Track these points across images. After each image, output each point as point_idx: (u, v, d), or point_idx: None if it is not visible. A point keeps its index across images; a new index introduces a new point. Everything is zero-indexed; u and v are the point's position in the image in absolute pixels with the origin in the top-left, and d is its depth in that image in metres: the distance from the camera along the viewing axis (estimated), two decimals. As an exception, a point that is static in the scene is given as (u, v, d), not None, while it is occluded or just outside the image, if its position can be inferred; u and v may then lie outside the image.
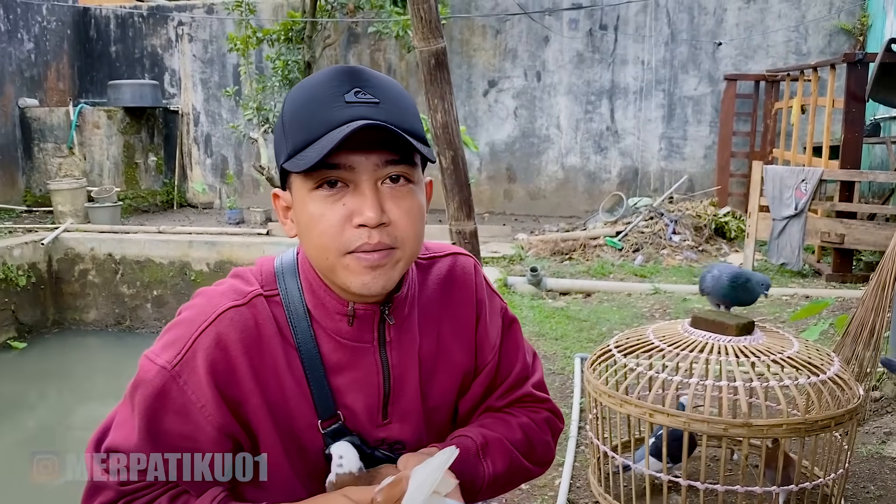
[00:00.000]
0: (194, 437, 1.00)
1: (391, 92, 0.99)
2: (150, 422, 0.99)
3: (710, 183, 8.60)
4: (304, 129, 0.95)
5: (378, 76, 0.99)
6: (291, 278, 1.06)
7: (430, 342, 1.13)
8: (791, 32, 8.46)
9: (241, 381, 1.00)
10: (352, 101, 0.94)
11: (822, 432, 2.22)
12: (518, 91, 9.24)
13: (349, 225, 0.96)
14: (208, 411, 0.99)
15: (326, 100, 0.95)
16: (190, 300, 1.07)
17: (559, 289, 5.92)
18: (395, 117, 0.95)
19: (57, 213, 8.45)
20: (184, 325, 1.02)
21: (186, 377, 0.99)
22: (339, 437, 1.06)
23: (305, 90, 0.98)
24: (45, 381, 6.72)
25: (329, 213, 0.96)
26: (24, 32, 9.44)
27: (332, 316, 1.04)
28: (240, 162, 10.11)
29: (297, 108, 0.97)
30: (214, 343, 0.99)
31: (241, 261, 7.29)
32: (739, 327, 2.41)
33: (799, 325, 4.55)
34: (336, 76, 0.97)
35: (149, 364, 1.01)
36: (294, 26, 8.62)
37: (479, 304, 1.19)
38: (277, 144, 1.01)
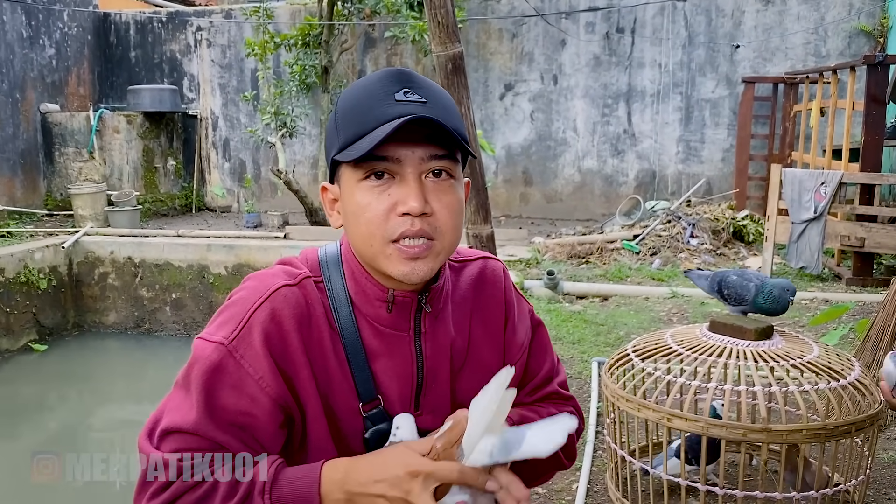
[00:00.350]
0: (251, 412, 1.02)
1: (437, 93, 1.05)
2: (208, 397, 1.01)
3: (728, 186, 8.55)
4: (356, 124, 1.01)
5: (426, 79, 1.06)
6: (335, 267, 1.11)
7: (462, 339, 1.17)
8: (810, 34, 8.39)
9: (293, 354, 1.04)
10: (401, 100, 1.00)
11: (843, 438, 2.20)
12: (534, 94, 9.24)
13: (393, 214, 1.01)
14: (266, 382, 1.01)
15: (378, 97, 1.01)
16: (240, 285, 1.11)
17: (576, 292, 5.90)
18: (440, 115, 1.01)
19: (77, 217, 8.54)
20: (238, 305, 1.05)
21: (243, 351, 1.01)
22: (378, 421, 1.08)
23: (358, 89, 1.04)
24: (66, 383, 6.79)
25: (375, 202, 1.01)
26: (45, 38, 9.56)
27: (372, 302, 1.09)
28: (258, 166, 10.17)
29: (349, 104, 1.03)
30: (269, 317, 1.03)
31: (259, 264, 7.33)
32: (758, 332, 2.40)
33: (819, 330, 4.51)
34: (387, 77, 1.03)
35: (204, 343, 1.04)
36: (311, 31, 8.67)
37: (508, 306, 1.23)
38: (329, 139, 1.07)
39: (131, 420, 6.24)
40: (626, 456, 2.50)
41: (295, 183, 8.31)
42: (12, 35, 9.08)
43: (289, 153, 9.34)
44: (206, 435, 1.00)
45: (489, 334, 1.20)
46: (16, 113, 9.15)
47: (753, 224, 7.33)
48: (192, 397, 1.01)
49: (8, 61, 9.02)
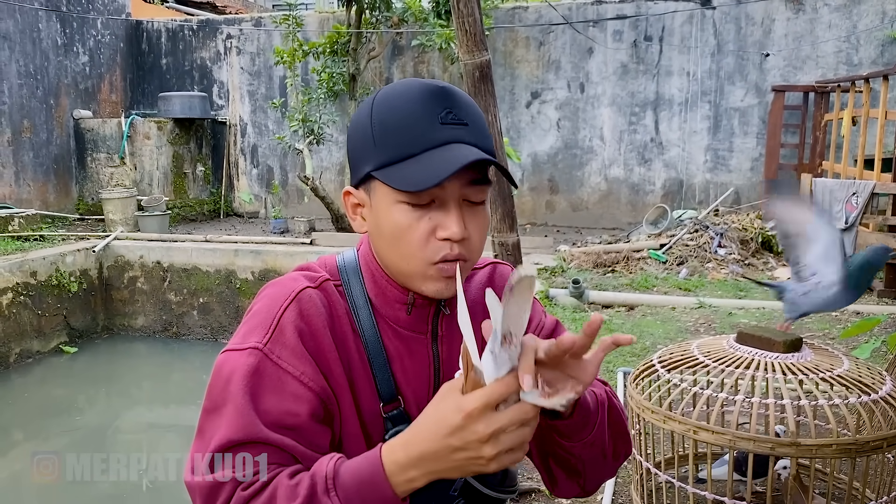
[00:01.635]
0: (296, 412, 1.00)
1: (474, 112, 1.06)
2: (253, 402, 0.99)
3: (756, 195, 8.46)
4: (399, 144, 1.01)
5: (464, 96, 1.06)
6: (353, 273, 1.12)
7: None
8: (842, 43, 8.28)
9: (326, 352, 1.04)
10: (445, 123, 1.01)
11: (874, 453, 2.16)
12: (561, 102, 9.22)
13: (433, 237, 1.03)
14: (307, 377, 1.01)
15: (421, 118, 1.01)
16: (259, 294, 1.11)
17: (602, 301, 5.87)
18: (480, 139, 1.03)
19: (108, 222, 8.67)
20: (263, 311, 1.05)
21: (279, 352, 1.01)
22: (398, 422, 1.09)
23: (398, 103, 1.02)
24: (95, 386, 6.89)
25: (416, 225, 1.02)
26: (79, 46, 9.74)
27: (392, 305, 1.10)
28: (285, 172, 10.26)
29: (389, 120, 1.02)
30: (299, 316, 1.04)
31: (285, 269, 7.34)
32: (787, 344, 2.36)
33: (849, 343, 4.44)
34: (429, 95, 1.02)
35: (231, 355, 1.02)
36: (339, 39, 8.74)
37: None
38: (361, 149, 1.05)
39: (158, 423, 6.31)
40: (651, 468, 2.47)
41: (322, 189, 8.36)
42: (47, 42, 9.26)
43: (316, 160, 9.42)
44: (258, 438, 0.97)
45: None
46: (50, 119, 9.32)
47: (783, 234, 7.24)
48: (232, 409, 0.98)
49: (43, 68, 9.20)
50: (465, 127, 1.02)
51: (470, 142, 1.01)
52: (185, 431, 5.99)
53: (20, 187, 8.93)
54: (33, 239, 7.93)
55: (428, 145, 1.00)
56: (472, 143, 1.01)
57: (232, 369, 1.01)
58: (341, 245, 7.54)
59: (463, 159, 0.98)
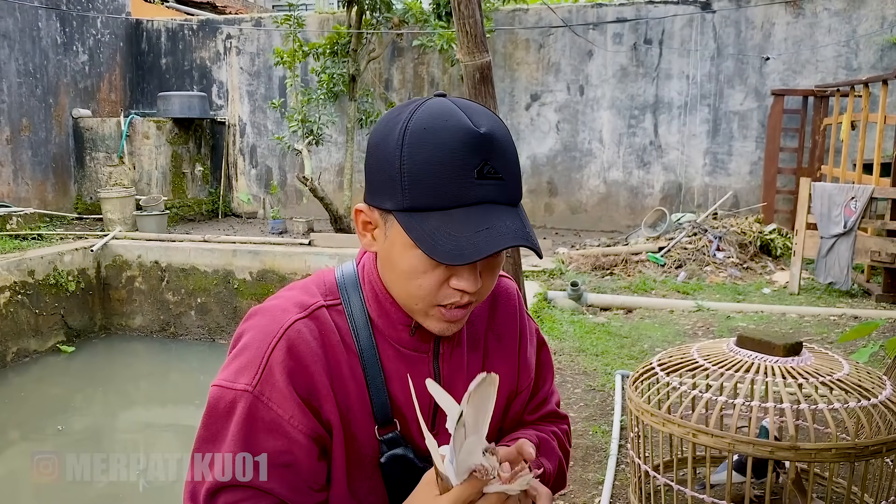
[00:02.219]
0: (290, 451, 1.02)
1: (511, 160, 1.00)
2: (247, 446, 1.01)
3: (755, 199, 8.47)
4: (430, 195, 0.96)
5: (503, 141, 0.99)
6: (353, 289, 1.10)
7: (477, 357, 1.17)
8: (841, 47, 8.29)
9: (317, 386, 1.04)
10: (482, 178, 0.96)
11: (873, 458, 2.16)
12: (560, 105, 9.22)
13: (447, 284, 1.01)
14: (297, 420, 1.02)
15: (457, 172, 0.95)
16: (247, 321, 1.09)
17: (600, 304, 5.87)
18: (513, 192, 1.00)
19: (106, 221, 8.66)
20: (252, 348, 1.04)
21: (269, 393, 1.01)
22: (394, 445, 1.09)
23: (433, 150, 0.96)
24: (92, 385, 6.87)
25: (431, 273, 1.00)
26: (79, 45, 9.73)
27: (396, 326, 1.09)
28: (284, 173, 10.25)
29: (422, 167, 0.96)
30: (288, 355, 1.03)
31: (283, 270, 7.38)
32: (787, 347, 2.36)
33: (847, 347, 4.44)
34: (469, 144, 0.96)
35: (225, 392, 1.03)
36: (339, 40, 8.74)
37: (521, 325, 1.24)
38: (384, 181, 0.99)
39: (155, 422, 6.30)
40: (649, 471, 2.47)
41: (320, 190, 8.35)
42: (47, 41, 9.25)
43: (315, 161, 9.41)
44: (255, 484, 1.01)
45: (504, 349, 1.20)
46: (49, 118, 9.31)
47: (781, 238, 7.25)
48: (228, 449, 1.01)
49: (42, 67, 9.19)
50: (500, 182, 0.97)
51: (503, 200, 0.97)
52: (182, 431, 5.98)
53: (18, 186, 8.92)
54: (31, 238, 7.91)
55: (460, 202, 0.95)
56: (505, 202, 0.97)
57: (227, 408, 1.03)
58: (340, 246, 7.52)
59: (496, 244, 0.94)
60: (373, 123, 8.88)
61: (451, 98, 1.02)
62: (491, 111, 1.02)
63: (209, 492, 1.01)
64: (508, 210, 0.98)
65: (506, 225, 0.96)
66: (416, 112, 0.98)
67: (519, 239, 0.96)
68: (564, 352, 4.64)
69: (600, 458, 3.20)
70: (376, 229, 1.04)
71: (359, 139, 9.37)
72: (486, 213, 0.96)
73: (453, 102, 1.00)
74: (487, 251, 0.94)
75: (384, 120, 1.02)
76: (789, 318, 5.41)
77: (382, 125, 1.02)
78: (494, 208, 0.97)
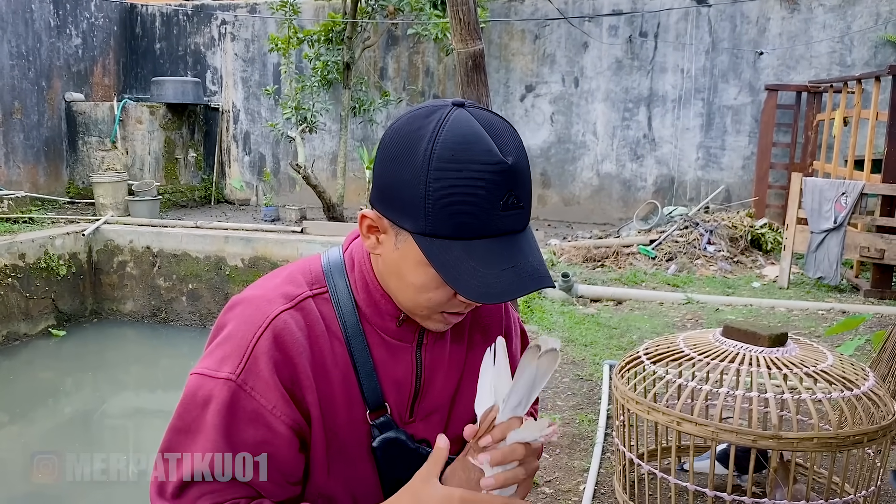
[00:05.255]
0: (271, 441, 1.02)
1: (529, 185, 1.00)
2: (227, 435, 1.00)
3: (747, 194, 8.50)
4: (455, 224, 0.95)
5: (525, 169, 0.99)
6: (340, 277, 1.10)
7: (460, 351, 1.18)
8: (835, 43, 8.32)
9: (301, 378, 1.03)
10: (506, 210, 0.95)
11: (854, 448, 2.18)
12: (555, 97, 9.22)
13: (455, 297, 1.02)
14: (280, 411, 1.02)
15: (483, 202, 0.94)
16: (230, 311, 1.08)
17: (590, 295, 5.89)
18: (529, 217, 1.01)
19: (98, 206, 8.63)
20: (236, 337, 1.03)
21: (253, 383, 1.01)
22: (385, 428, 1.10)
23: (464, 181, 0.94)
24: (82, 370, 6.87)
25: (443, 289, 1.01)
26: (72, 28, 9.67)
27: (383, 316, 1.09)
28: (277, 160, 10.23)
29: (449, 196, 0.94)
30: (273, 345, 1.02)
31: (276, 257, 7.38)
32: (772, 338, 2.38)
33: (834, 340, 4.47)
34: (499, 176, 0.94)
35: (206, 380, 1.02)
36: (334, 27, 8.71)
37: (506, 318, 1.26)
38: (404, 200, 0.97)
39: (145, 408, 6.31)
40: (634, 459, 2.49)
41: (314, 178, 8.35)
42: (40, 24, 9.19)
43: (308, 148, 9.39)
44: (228, 476, 1.00)
45: (489, 340, 1.19)
46: (41, 101, 9.26)
47: (772, 233, 7.28)
48: (205, 439, 1.00)
49: (35, 50, 9.14)
50: (521, 211, 0.97)
51: (521, 227, 0.98)
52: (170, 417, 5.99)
53: (10, 169, 8.88)
54: (22, 221, 7.88)
55: (484, 233, 0.95)
56: (522, 228, 0.98)
57: (206, 397, 1.01)
58: (332, 234, 7.52)
59: (521, 287, 0.95)
60: (366, 112, 8.86)
61: (472, 110, 0.98)
62: (508, 124, 1.00)
63: (181, 484, 1.00)
64: (526, 240, 0.99)
65: (528, 263, 0.97)
66: (441, 133, 0.95)
67: (543, 281, 0.98)
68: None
69: (586, 446, 3.23)
70: (383, 236, 1.02)
71: (353, 127, 9.35)
72: (509, 246, 0.96)
73: (477, 119, 0.97)
74: (513, 295, 0.95)
75: (402, 130, 0.98)
76: (778, 312, 5.45)
77: (401, 136, 0.98)
78: (515, 239, 0.97)
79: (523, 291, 0.95)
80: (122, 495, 4.17)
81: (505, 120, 1.01)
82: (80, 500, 4.38)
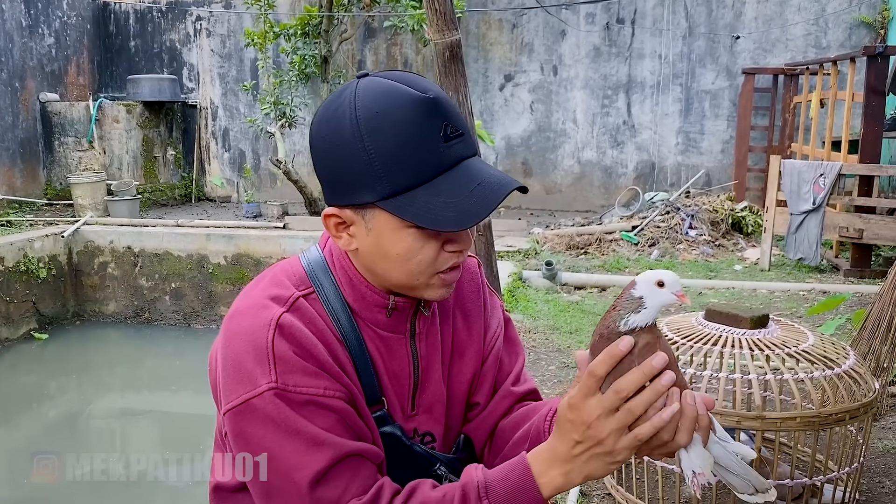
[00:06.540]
0: (342, 419, 1.01)
1: (459, 112, 1.03)
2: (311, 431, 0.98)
3: (727, 178, 8.55)
4: (410, 173, 0.96)
5: (448, 99, 1.02)
6: (324, 275, 1.09)
7: (447, 335, 1.19)
8: (810, 26, 8.37)
9: (326, 366, 1.02)
10: (449, 140, 0.98)
11: (837, 426, 2.22)
12: (534, 85, 9.23)
13: (442, 251, 1.03)
14: (330, 390, 1.01)
15: (425, 141, 0.96)
16: (226, 331, 1.05)
17: (574, 283, 5.92)
18: (475, 143, 1.03)
19: (77, 207, 8.54)
20: (251, 351, 1.00)
21: (293, 380, 0.99)
22: (382, 423, 1.09)
23: (394, 127, 0.96)
24: (66, 372, 6.81)
25: (427, 246, 1.01)
26: (44, 27, 9.54)
27: (371, 308, 1.09)
28: (257, 156, 10.17)
29: (390, 147, 0.96)
30: (289, 343, 1.00)
31: (258, 254, 7.34)
32: (754, 320, 2.40)
33: (815, 320, 4.52)
34: (425, 111, 0.97)
35: (249, 406, 0.99)
36: (311, 21, 8.65)
37: (485, 300, 1.26)
38: (353, 175, 0.98)
39: (131, 409, 6.27)
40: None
41: (294, 173, 8.30)
42: (11, 24, 9.06)
43: (288, 143, 9.34)
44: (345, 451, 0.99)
45: (470, 325, 1.22)
46: (15, 102, 9.14)
47: (752, 215, 7.34)
48: (294, 446, 0.98)
49: (7, 50, 9.00)
50: (463, 138, 0.99)
51: (472, 152, 1.01)
52: (158, 418, 5.97)
53: (-14, 172, 8.76)
54: (0, 225, 7.79)
55: (439, 169, 0.97)
56: (473, 154, 1.01)
57: (262, 419, 0.98)
58: (315, 229, 7.50)
59: (496, 194, 0.97)
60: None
61: (378, 73, 1.01)
62: (419, 76, 1.02)
63: (309, 485, 0.98)
64: (480, 161, 1.02)
65: (491, 174, 1.00)
66: (357, 100, 0.97)
67: (511, 184, 1.00)
68: (539, 330, 4.69)
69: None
70: (352, 227, 1.03)
71: (332, 121, 9.29)
72: (467, 170, 0.99)
73: (385, 78, 1.00)
74: (493, 204, 0.97)
75: (322, 119, 1.01)
76: (760, 294, 5.50)
77: (324, 125, 1.00)
78: (470, 163, 1.00)
79: (497, 200, 0.97)
80: (112, 496, 4.15)
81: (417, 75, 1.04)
82: (70, 501, 4.35)
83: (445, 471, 1.15)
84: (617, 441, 0.92)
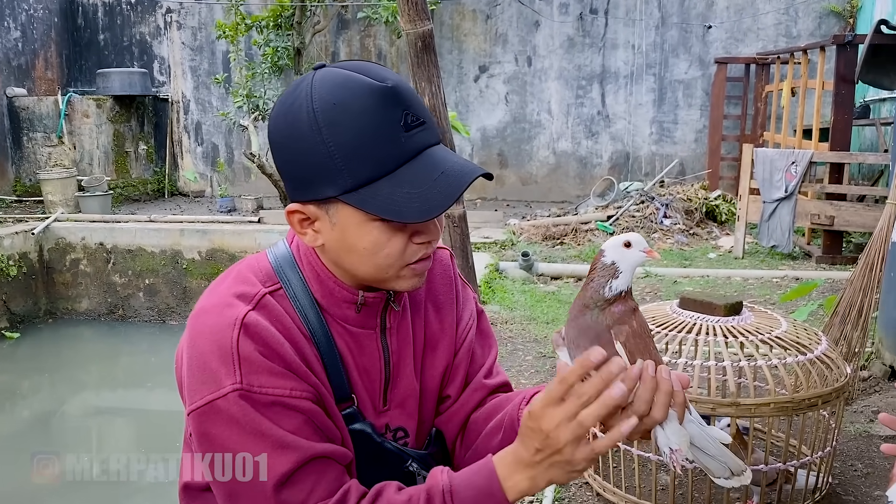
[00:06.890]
0: (309, 419, 1.00)
1: (420, 100, 1.01)
2: (277, 432, 0.97)
3: (700, 167, 8.62)
4: (371, 164, 0.94)
5: (407, 85, 0.99)
6: (291, 271, 1.07)
7: (419, 328, 1.18)
8: (781, 15, 8.44)
9: (292, 365, 1.00)
10: (410, 129, 0.96)
11: (810, 411, 2.24)
12: (509, 76, 9.22)
13: (410, 243, 1.01)
14: (296, 391, 0.99)
15: (386, 131, 0.94)
16: (191, 330, 1.03)
17: (550, 273, 5.93)
18: (437, 131, 1.01)
19: (47, 203, 8.41)
20: (215, 351, 0.98)
21: (258, 381, 0.97)
22: (352, 421, 1.08)
23: (352, 118, 0.94)
24: (39, 371, 6.71)
25: (394, 238, 0.99)
26: (10, 20, 9.35)
27: (340, 304, 1.07)
28: (231, 150, 10.07)
29: (350, 139, 0.94)
30: (254, 343, 0.98)
31: (233, 249, 7.28)
32: (727, 307, 2.42)
33: (788, 307, 4.57)
34: (383, 100, 0.95)
35: (213, 406, 0.97)
36: (283, 13, 8.57)
37: (457, 292, 1.24)
38: (313, 169, 0.96)
39: (106, 407, 6.20)
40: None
41: (268, 167, 8.23)
42: (-24, 17, 8.87)
43: (262, 136, 9.24)
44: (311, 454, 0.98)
45: (442, 318, 1.21)
46: (-19, 97, 8.96)
47: (726, 204, 7.40)
48: (259, 448, 0.96)
49: (-28, 44, 8.82)
50: (425, 126, 0.97)
51: (434, 141, 0.99)
52: (133, 415, 5.90)
53: (-48, 169, 8.59)
54: (-32, 222, 7.65)
55: (401, 159, 0.95)
56: (435, 142, 0.99)
57: (226, 420, 0.97)
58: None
59: (459, 182, 0.95)
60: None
61: (334, 64, 0.99)
62: (378, 64, 1.01)
63: (276, 485, 0.96)
64: (444, 149, 1.00)
65: (454, 162, 0.98)
66: (314, 92, 0.95)
67: (475, 171, 0.98)
68: (516, 320, 4.69)
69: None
70: (317, 222, 1.01)
71: (306, 114, 9.22)
72: (430, 159, 0.97)
73: (342, 68, 0.98)
74: (456, 193, 0.95)
75: (280, 113, 0.98)
76: (734, 282, 5.55)
77: (281, 119, 0.98)
78: (433, 152, 0.98)
79: (461, 188, 0.96)
80: (86, 496, 4.10)
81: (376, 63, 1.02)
82: (45, 501, 4.30)
83: (417, 467, 1.14)
84: (574, 451, 0.92)
